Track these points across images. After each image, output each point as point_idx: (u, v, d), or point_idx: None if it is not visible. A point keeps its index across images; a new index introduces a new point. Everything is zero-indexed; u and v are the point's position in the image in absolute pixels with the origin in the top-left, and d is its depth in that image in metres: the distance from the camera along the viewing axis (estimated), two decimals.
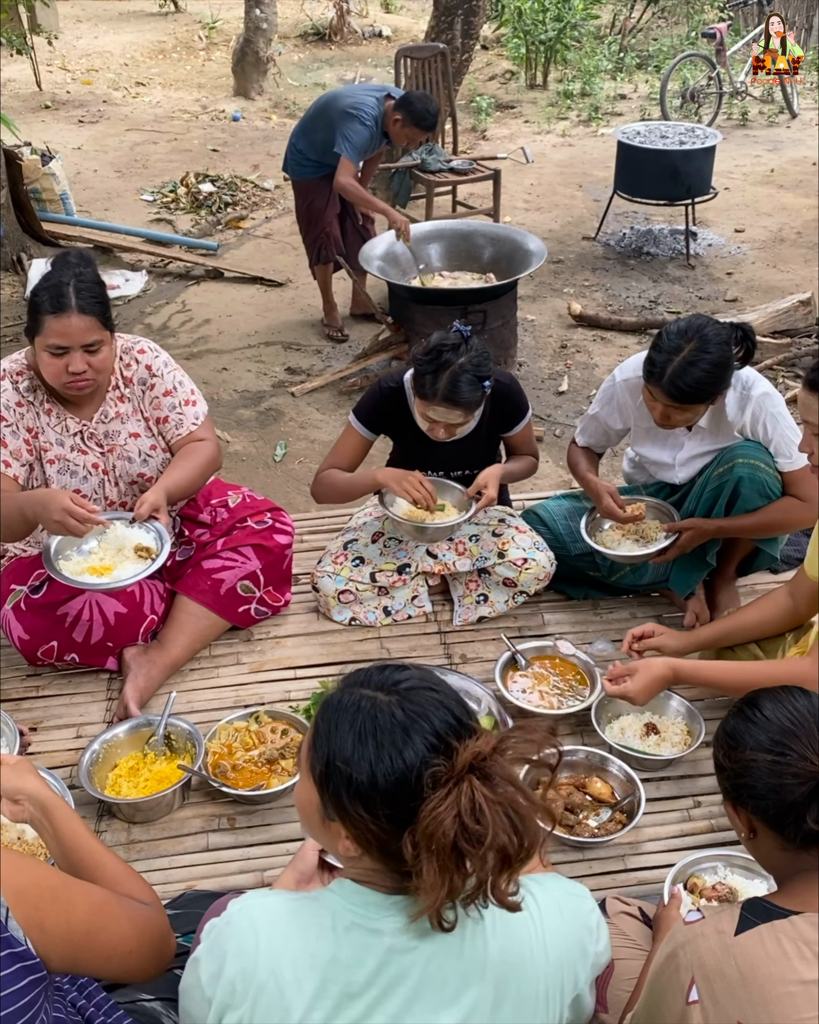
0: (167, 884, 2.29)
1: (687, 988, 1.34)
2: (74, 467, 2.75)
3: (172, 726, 2.59)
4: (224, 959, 1.25)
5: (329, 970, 1.22)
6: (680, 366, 2.58)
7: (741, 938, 1.33)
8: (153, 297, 6.11)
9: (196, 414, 2.87)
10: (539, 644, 2.93)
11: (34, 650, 2.78)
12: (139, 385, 2.80)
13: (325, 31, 12.47)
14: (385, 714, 1.24)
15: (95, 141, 9.02)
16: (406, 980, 1.23)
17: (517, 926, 1.29)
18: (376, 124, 4.88)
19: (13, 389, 2.67)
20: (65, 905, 1.35)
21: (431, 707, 1.25)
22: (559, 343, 5.54)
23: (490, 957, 1.25)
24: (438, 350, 2.66)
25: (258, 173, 8.09)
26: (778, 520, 2.84)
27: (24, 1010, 1.26)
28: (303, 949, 1.23)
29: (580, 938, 1.35)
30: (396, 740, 1.22)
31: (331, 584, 3.03)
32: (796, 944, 1.30)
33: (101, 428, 2.76)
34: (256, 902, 1.30)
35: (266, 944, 1.24)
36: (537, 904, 1.32)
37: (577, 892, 1.43)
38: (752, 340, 2.72)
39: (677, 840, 2.41)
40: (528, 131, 9.35)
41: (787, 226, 7.07)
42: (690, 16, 12.24)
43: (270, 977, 1.22)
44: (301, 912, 1.27)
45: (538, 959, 1.28)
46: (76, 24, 13.01)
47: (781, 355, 5.10)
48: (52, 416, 2.71)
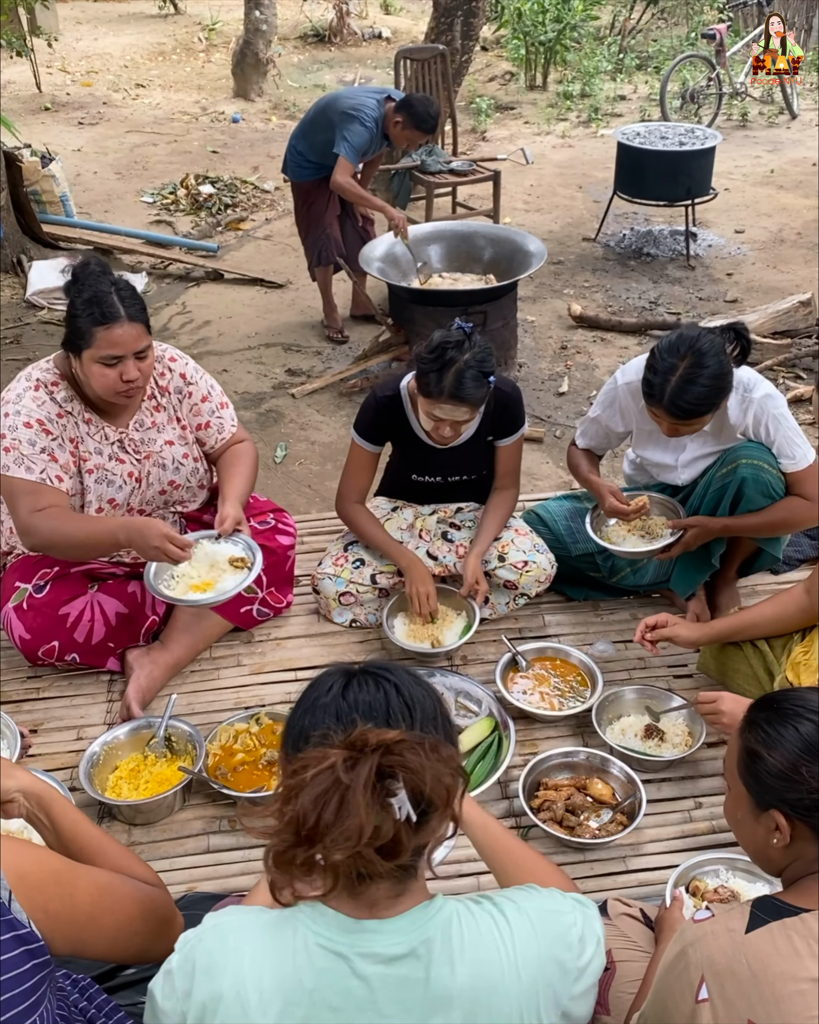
0: (168, 886, 2.27)
1: (697, 986, 1.32)
2: (111, 476, 2.73)
3: (173, 728, 2.59)
4: (193, 977, 1.24)
5: (294, 994, 1.21)
6: (678, 385, 2.58)
7: (752, 936, 1.31)
8: (153, 299, 6.11)
9: (231, 416, 2.93)
10: (540, 645, 2.93)
11: (35, 650, 2.77)
12: (175, 394, 2.81)
13: (325, 32, 12.48)
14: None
15: (95, 143, 9.02)
16: (372, 1006, 1.21)
17: (487, 950, 1.26)
18: (376, 126, 4.88)
19: (51, 400, 2.63)
20: (68, 887, 1.35)
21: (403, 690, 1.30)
22: (559, 344, 5.54)
23: (458, 983, 1.22)
24: (442, 348, 2.65)
25: (258, 175, 8.09)
26: (784, 519, 2.83)
27: (27, 994, 1.26)
28: (270, 971, 1.22)
29: (557, 956, 1.30)
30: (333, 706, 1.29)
31: (332, 586, 3.03)
32: (808, 942, 1.29)
33: (136, 435, 2.75)
34: (228, 920, 1.29)
35: (234, 964, 1.23)
36: (509, 925, 1.29)
37: (555, 907, 1.37)
38: (746, 338, 2.72)
39: (678, 841, 2.41)
40: (528, 132, 9.36)
41: (787, 227, 7.07)
42: (690, 17, 12.25)
43: (235, 999, 1.21)
44: (271, 933, 1.26)
45: (510, 983, 1.25)
46: (76, 26, 13.02)
47: (781, 356, 5.09)
48: (91, 426, 2.69)
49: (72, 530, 2.60)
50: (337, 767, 1.15)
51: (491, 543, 3.02)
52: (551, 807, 2.39)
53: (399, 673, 1.34)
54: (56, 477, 2.62)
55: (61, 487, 2.63)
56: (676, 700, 2.67)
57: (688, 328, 2.68)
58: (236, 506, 2.73)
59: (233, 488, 2.81)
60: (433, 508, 3.17)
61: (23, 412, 2.58)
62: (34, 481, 2.58)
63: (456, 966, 1.23)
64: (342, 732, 1.20)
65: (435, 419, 2.74)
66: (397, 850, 1.16)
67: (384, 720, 1.26)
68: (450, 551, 3.09)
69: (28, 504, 2.58)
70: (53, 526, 2.58)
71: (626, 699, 2.72)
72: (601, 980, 1.75)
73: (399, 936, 1.23)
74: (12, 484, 2.59)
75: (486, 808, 1.83)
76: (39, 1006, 1.27)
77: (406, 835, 1.16)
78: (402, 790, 1.15)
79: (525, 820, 2.40)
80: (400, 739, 1.18)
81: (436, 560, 3.08)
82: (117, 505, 2.76)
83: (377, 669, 1.34)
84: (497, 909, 1.30)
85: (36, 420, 2.59)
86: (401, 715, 1.27)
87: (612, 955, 1.81)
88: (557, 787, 2.46)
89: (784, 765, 1.41)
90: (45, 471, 2.60)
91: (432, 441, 2.92)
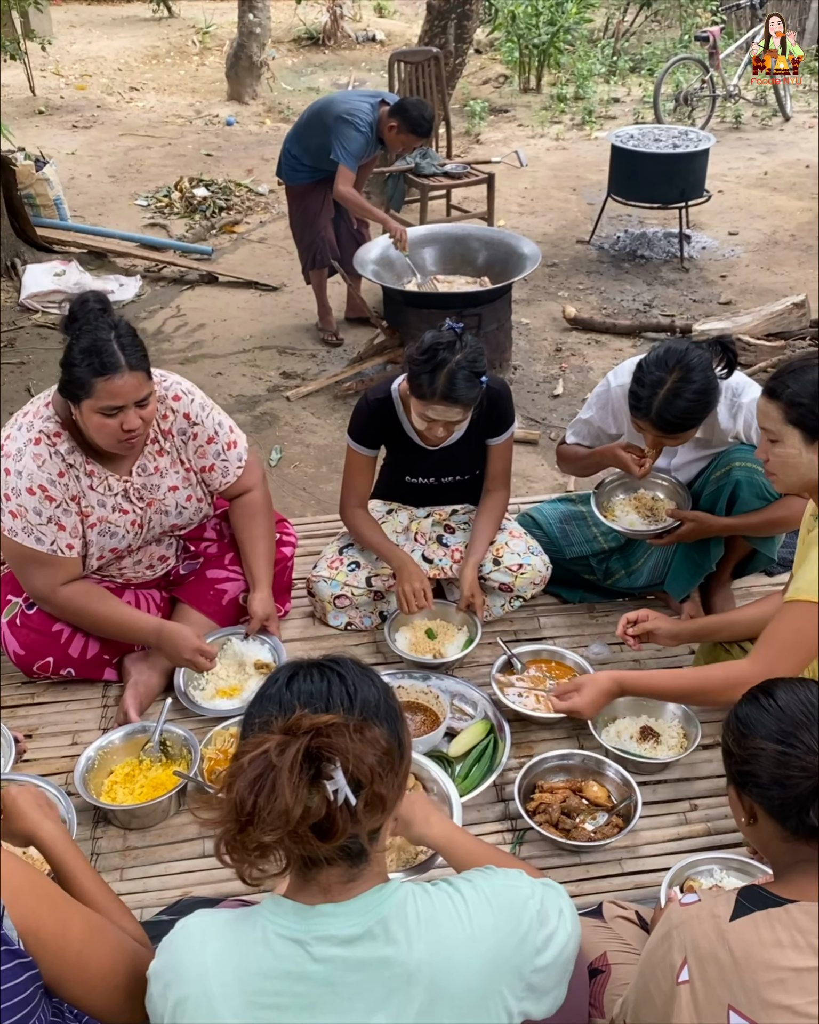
0: (163, 890, 2.29)
1: (678, 968, 1.35)
2: (115, 528, 2.67)
3: (168, 732, 2.58)
4: (165, 977, 1.29)
5: (255, 983, 1.24)
6: (665, 399, 2.58)
7: (736, 924, 1.34)
8: (147, 302, 6.11)
9: (239, 456, 2.83)
10: (535, 648, 2.93)
11: (30, 665, 2.76)
12: (179, 436, 2.72)
13: (319, 35, 12.49)
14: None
15: (89, 146, 9.02)
16: (331, 989, 1.23)
17: (443, 925, 1.29)
18: (371, 130, 4.88)
19: (51, 456, 2.51)
20: (63, 917, 1.34)
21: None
22: (554, 346, 5.55)
23: (416, 958, 1.25)
24: (433, 349, 2.65)
25: (252, 177, 8.10)
26: (784, 516, 2.84)
27: (22, 1005, 1.26)
28: (232, 965, 1.25)
29: (514, 928, 1.33)
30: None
31: (327, 589, 3.02)
32: (790, 932, 1.31)
33: (139, 481, 2.68)
34: (194, 921, 1.33)
35: (199, 963, 1.27)
36: (465, 901, 1.31)
37: (511, 883, 1.39)
38: (732, 351, 2.71)
39: (674, 844, 2.41)
40: (522, 135, 9.37)
41: (781, 228, 7.09)
42: (683, 19, 12.26)
43: (202, 995, 1.24)
44: (233, 928, 1.29)
45: (469, 957, 1.27)
46: (70, 29, 13.02)
47: (775, 357, 5.10)
48: (94, 478, 2.59)
49: (101, 616, 2.67)
50: (271, 751, 1.18)
51: (486, 550, 3.01)
52: (547, 810, 2.39)
53: (346, 664, 1.34)
54: (67, 546, 2.58)
55: (72, 555, 2.61)
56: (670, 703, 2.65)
57: (676, 341, 2.68)
58: (267, 601, 2.83)
59: (260, 568, 2.85)
60: (428, 510, 3.17)
61: (24, 474, 2.49)
62: (46, 553, 2.56)
63: (413, 943, 1.25)
64: (282, 719, 1.23)
65: (428, 420, 2.73)
66: (332, 831, 1.19)
67: (324, 707, 1.27)
68: (445, 555, 3.09)
69: (46, 577, 2.60)
70: (81, 607, 2.65)
71: (621, 701, 2.72)
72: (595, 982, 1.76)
73: (354, 918, 1.25)
74: (22, 551, 2.56)
75: (443, 811, 1.86)
76: (33, 1016, 1.28)
77: (342, 817, 1.19)
78: (338, 772, 1.18)
79: (521, 823, 2.40)
80: (332, 722, 1.20)
81: (432, 563, 3.08)
82: (119, 553, 2.75)
83: (325, 661, 1.35)
84: (452, 888, 1.33)
85: (38, 486, 2.50)
86: (341, 703, 1.28)
87: (607, 958, 1.81)
88: (553, 790, 2.45)
89: (729, 741, 1.48)
90: (55, 542, 2.56)
91: (424, 442, 2.93)
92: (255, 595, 2.83)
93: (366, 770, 1.20)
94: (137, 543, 2.77)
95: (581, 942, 1.76)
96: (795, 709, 1.42)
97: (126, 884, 2.32)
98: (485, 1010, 1.28)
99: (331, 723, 1.21)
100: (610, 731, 2.64)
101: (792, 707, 1.42)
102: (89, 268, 6.35)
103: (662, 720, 2.66)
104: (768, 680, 1.52)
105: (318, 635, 3.08)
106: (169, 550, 2.92)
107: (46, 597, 2.64)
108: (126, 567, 2.82)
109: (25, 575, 2.63)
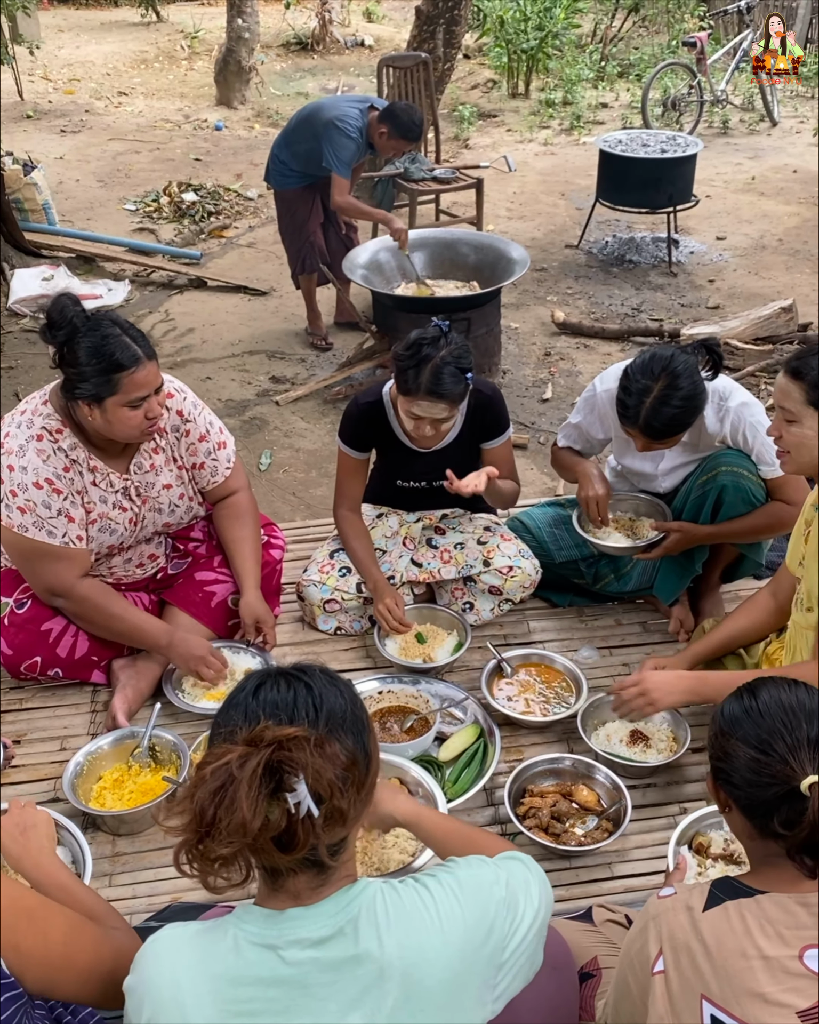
0: (153, 896, 2.28)
1: (654, 959, 1.37)
2: (114, 525, 2.68)
3: (157, 737, 2.57)
4: (138, 992, 1.29)
5: (227, 991, 1.24)
6: (652, 407, 2.59)
7: (708, 914, 1.36)
8: (136, 307, 6.10)
9: (228, 456, 2.86)
10: (524, 652, 2.93)
11: (17, 665, 2.75)
12: (173, 433, 2.74)
13: (307, 40, 12.50)
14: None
15: (77, 151, 9.01)
16: (305, 991, 1.24)
17: (412, 919, 1.30)
18: (361, 135, 4.89)
19: (55, 451, 2.52)
20: (42, 925, 1.35)
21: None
22: (543, 351, 5.56)
23: (387, 953, 1.25)
24: (418, 344, 2.65)
25: (241, 182, 8.10)
26: (767, 524, 2.85)
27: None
28: (203, 973, 1.26)
29: (483, 918, 1.34)
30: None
31: (316, 593, 3.02)
32: (759, 922, 1.33)
33: (136, 478, 2.69)
34: (164, 935, 1.33)
35: (170, 973, 1.27)
36: (431, 896, 1.33)
37: (474, 872, 1.41)
38: (717, 353, 2.72)
39: (663, 847, 2.41)
40: (510, 140, 9.39)
41: (768, 233, 7.12)
42: (671, 25, 12.32)
43: (174, 1006, 1.24)
44: (204, 939, 1.30)
45: (439, 949, 1.28)
46: (58, 34, 13.00)
47: (763, 362, 5.12)
48: (97, 474, 2.61)
49: (114, 614, 2.68)
50: (232, 763, 1.19)
51: (503, 486, 2.93)
52: (537, 814, 2.39)
53: (314, 673, 1.34)
54: (77, 537, 2.59)
55: (83, 547, 2.62)
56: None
57: (661, 348, 2.69)
58: (256, 602, 2.82)
59: (248, 569, 2.85)
60: (418, 515, 3.17)
61: (29, 469, 2.49)
62: (59, 546, 2.57)
63: (384, 938, 1.26)
64: (247, 729, 1.24)
65: (414, 417, 2.72)
66: (293, 843, 1.20)
67: (289, 718, 1.27)
68: (434, 557, 3.09)
69: (63, 571, 2.61)
70: (100, 602, 2.66)
71: (610, 705, 2.72)
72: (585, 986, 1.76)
73: (324, 919, 1.26)
74: (34, 547, 2.56)
75: (415, 799, 1.86)
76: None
77: (304, 829, 1.20)
78: (301, 784, 1.18)
79: (510, 827, 2.40)
80: (294, 735, 1.21)
81: (421, 567, 3.08)
82: (112, 550, 2.75)
83: (294, 669, 1.35)
84: (418, 884, 1.35)
85: (45, 480, 2.51)
86: (307, 714, 1.28)
87: (597, 962, 1.81)
88: (542, 794, 2.45)
89: (711, 735, 1.50)
90: (66, 534, 2.57)
91: (415, 445, 2.93)
92: (244, 598, 2.83)
93: (326, 784, 1.20)
94: (131, 541, 2.78)
95: (571, 947, 1.76)
96: (775, 713, 1.42)
97: (115, 890, 2.31)
98: (460, 1002, 1.29)
99: (293, 736, 1.21)
100: (600, 734, 2.64)
101: (772, 711, 1.42)
102: (77, 273, 6.34)
103: (651, 724, 2.66)
104: (758, 678, 1.53)
105: (308, 639, 3.08)
106: (158, 549, 2.92)
107: (65, 591, 2.63)
108: (116, 565, 2.82)
109: (39, 572, 2.62)
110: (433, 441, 2.84)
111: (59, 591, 2.65)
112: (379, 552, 3.08)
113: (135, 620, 2.71)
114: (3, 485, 2.51)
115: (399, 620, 2.88)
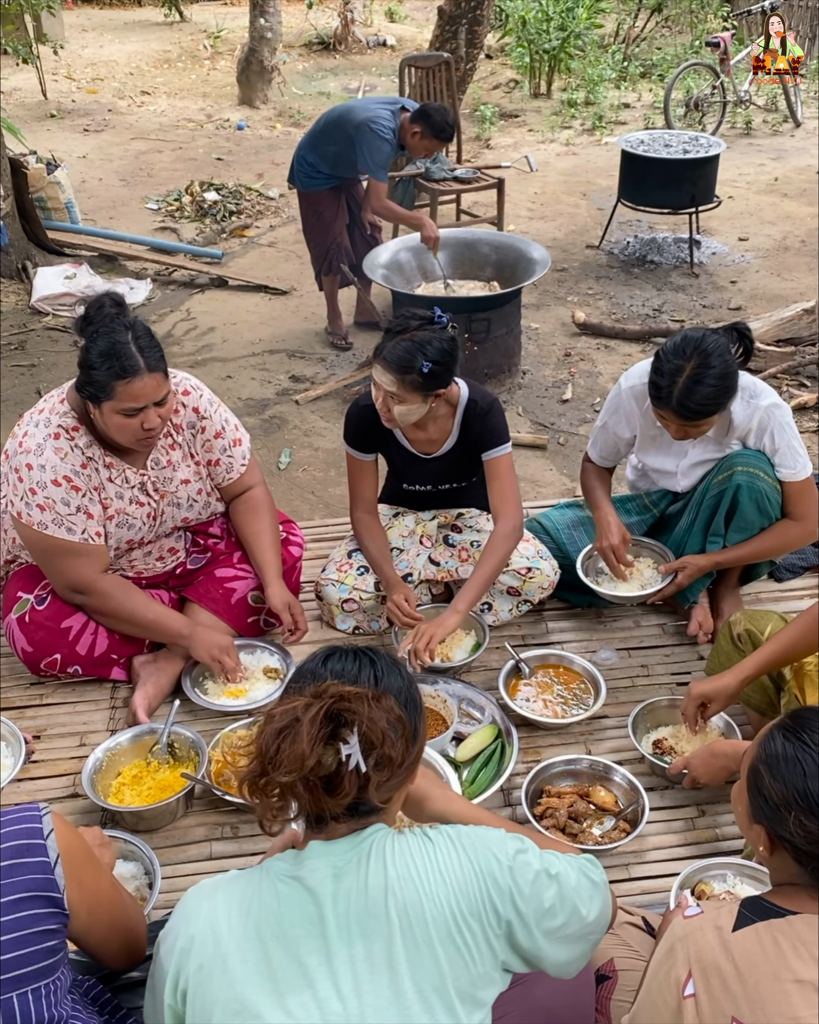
0: (170, 892, 2.28)
1: (684, 982, 1.34)
2: (132, 520, 2.71)
3: (175, 734, 2.59)
4: (175, 928, 1.40)
5: (257, 918, 1.35)
6: (686, 386, 2.58)
7: (738, 935, 1.33)
8: (157, 305, 6.13)
9: (243, 453, 2.88)
10: (543, 652, 2.92)
11: (37, 662, 2.77)
12: (189, 429, 2.76)
13: (330, 40, 12.53)
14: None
15: (100, 150, 9.05)
16: (323, 920, 1.34)
17: (412, 855, 1.40)
18: (394, 136, 4.89)
19: (72, 449, 2.56)
20: (99, 869, 1.53)
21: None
22: (563, 351, 5.55)
23: (389, 881, 1.37)
24: (406, 317, 2.66)
25: (263, 182, 8.12)
26: (773, 546, 2.87)
27: (49, 953, 1.37)
28: (238, 905, 1.38)
29: (477, 861, 1.42)
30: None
31: (335, 593, 3.03)
32: (793, 943, 1.30)
33: (153, 474, 2.72)
34: (205, 880, 1.47)
35: (208, 908, 1.39)
36: (431, 841, 1.43)
37: (481, 831, 1.49)
38: (749, 338, 2.72)
39: (681, 849, 2.41)
40: (532, 140, 9.38)
41: (791, 235, 7.08)
42: (694, 25, 12.27)
43: (209, 933, 1.36)
44: (242, 879, 1.43)
45: (436, 884, 1.38)
46: (81, 33, 13.08)
47: (785, 363, 5.10)
48: (113, 470, 2.64)
49: (135, 608, 2.70)
50: (298, 708, 1.34)
51: (479, 596, 2.83)
52: (554, 814, 2.39)
53: (379, 653, 1.50)
54: (96, 534, 2.62)
55: (102, 543, 2.64)
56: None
57: (692, 330, 2.68)
58: (281, 592, 2.83)
59: (268, 561, 2.87)
60: (433, 513, 3.17)
61: (48, 467, 2.52)
62: (79, 542, 2.59)
63: (388, 868, 1.38)
64: (313, 686, 1.38)
65: (375, 387, 2.71)
66: (340, 788, 1.33)
67: (352, 683, 1.41)
68: (452, 556, 3.09)
69: (84, 567, 2.63)
70: (123, 597, 2.69)
71: (663, 707, 2.69)
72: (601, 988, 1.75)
73: (339, 854, 1.39)
74: (55, 544, 2.58)
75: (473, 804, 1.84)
76: (56, 971, 1.38)
77: (350, 779, 1.33)
78: (354, 738, 1.32)
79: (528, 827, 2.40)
80: (355, 692, 1.36)
81: (439, 566, 3.08)
82: (132, 545, 2.77)
83: (361, 647, 1.51)
84: (421, 831, 1.47)
85: (63, 477, 2.53)
86: (368, 681, 1.44)
87: (613, 964, 1.81)
88: (560, 794, 2.45)
89: (778, 798, 1.38)
90: (85, 531, 2.59)
91: (414, 449, 2.92)
92: (270, 588, 2.84)
93: (379, 732, 1.34)
94: (150, 536, 2.80)
95: None
96: None
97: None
98: (460, 939, 1.37)
99: (354, 692, 1.35)
100: (650, 738, 2.64)
101: None
102: (100, 271, 6.37)
103: (712, 730, 2.62)
104: (801, 710, 1.47)
105: (326, 639, 3.08)
106: (178, 543, 2.93)
107: (86, 587, 2.66)
108: (136, 559, 2.84)
109: (60, 569, 2.65)
110: (391, 423, 2.77)
111: (80, 587, 2.67)
112: (397, 551, 3.08)
113: (156, 612, 2.73)
114: (22, 483, 2.53)
115: (409, 615, 2.85)
